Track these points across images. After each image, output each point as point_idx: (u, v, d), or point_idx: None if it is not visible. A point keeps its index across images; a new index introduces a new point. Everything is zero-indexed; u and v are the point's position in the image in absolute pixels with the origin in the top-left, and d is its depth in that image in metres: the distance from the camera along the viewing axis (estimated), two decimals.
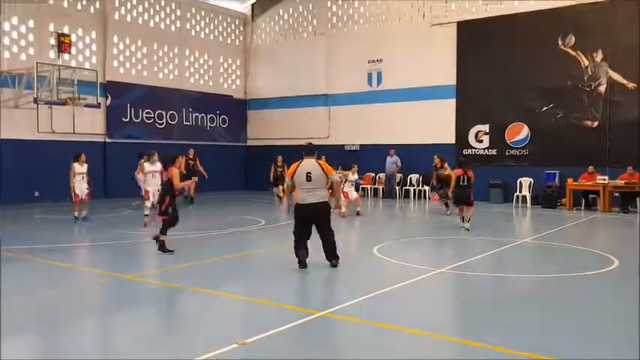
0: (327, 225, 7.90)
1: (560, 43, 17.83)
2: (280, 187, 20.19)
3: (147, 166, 13.17)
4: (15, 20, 17.72)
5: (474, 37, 19.30)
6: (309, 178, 7.65)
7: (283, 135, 24.13)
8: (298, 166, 7.83)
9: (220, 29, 24.86)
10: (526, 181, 17.93)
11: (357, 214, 14.84)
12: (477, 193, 18.59)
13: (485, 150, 19.25)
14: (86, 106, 16.28)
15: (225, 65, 25.19)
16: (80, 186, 13.15)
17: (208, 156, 20.97)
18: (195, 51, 23.70)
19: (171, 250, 8.95)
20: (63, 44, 15.84)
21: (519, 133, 18.59)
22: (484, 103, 19.12)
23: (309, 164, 7.80)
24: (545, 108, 18.11)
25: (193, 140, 22.43)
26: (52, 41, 18.17)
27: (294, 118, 24.03)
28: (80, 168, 13.32)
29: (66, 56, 17.80)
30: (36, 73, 14.92)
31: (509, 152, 18.79)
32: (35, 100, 15.14)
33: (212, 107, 24.17)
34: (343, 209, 14.39)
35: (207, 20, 24.22)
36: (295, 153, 20.60)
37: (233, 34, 25.46)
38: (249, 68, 25.88)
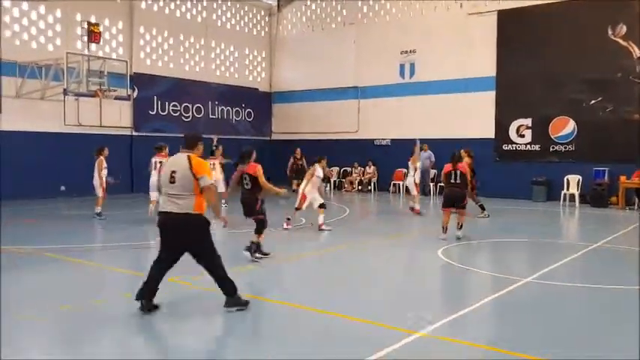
0: (199, 248, 5.60)
1: (609, 32, 16.93)
2: (295, 181, 19.68)
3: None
4: (42, 10, 17.14)
5: (516, 27, 18.45)
6: (172, 179, 5.50)
7: (309, 129, 23.47)
8: (167, 161, 5.91)
9: (246, 20, 24.17)
10: (574, 179, 17.08)
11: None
12: (520, 190, 18.03)
13: (528, 145, 18.42)
14: (116, 98, 15.65)
15: (251, 57, 24.52)
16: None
17: (233, 150, 20.17)
18: (221, 42, 23.04)
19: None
20: (93, 34, 15.24)
21: (564, 127, 17.74)
22: (526, 95, 18.28)
23: (177, 160, 5.63)
24: (593, 101, 17.24)
25: (219, 134, 21.74)
26: (80, 31, 17.70)
27: (321, 112, 23.33)
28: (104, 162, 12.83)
29: (93, 47, 17.23)
30: (66, 64, 14.34)
31: (553, 148, 17.95)
32: (65, 92, 14.57)
33: (237, 100, 23.52)
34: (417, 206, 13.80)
35: (232, 11, 23.53)
36: (321, 148, 20.13)
37: (259, 25, 24.77)
38: (274, 60, 25.18)
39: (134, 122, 19.71)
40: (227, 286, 5.63)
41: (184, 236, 5.53)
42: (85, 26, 16.40)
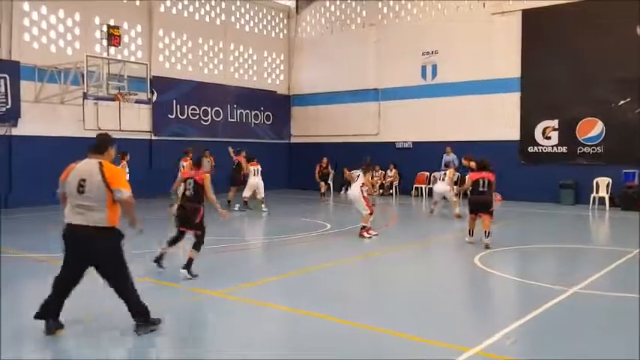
0: (108, 266, 5.07)
1: (638, 30, 16.43)
2: (322, 183, 19.55)
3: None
4: (61, 13, 17.06)
5: (541, 26, 18.00)
6: (81, 189, 4.95)
7: (329, 132, 23.18)
8: (74, 167, 5.13)
9: (264, 22, 23.97)
10: (603, 182, 16.56)
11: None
12: (546, 193, 17.56)
13: (554, 147, 17.93)
14: (137, 102, 15.48)
15: (269, 60, 24.30)
16: None
17: (253, 154, 19.98)
18: (240, 45, 22.85)
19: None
20: (112, 37, 15.08)
21: (592, 129, 17.25)
22: (552, 96, 17.80)
23: (86, 167, 5.05)
24: (622, 102, 16.73)
25: (238, 137, 21.60)
26: (99, 34, 17.57)
27: (340, 115, 23.02)
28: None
29: (112, 50, 17.10)
30: (86, 67, 14.18)
31: (580, 150, 17.45)
32: (85, 96, 14.42)
33: (256, 103, 23.30)
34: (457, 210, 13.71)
35: (251, 13, 23.35)
36: (341, 151, 19.77)
37: (277, 28, 24.56)
38: (292, 63, 24.94)
39: (153, 126, 19.56)
40: (138, 308, 5.08)
41: (91, 252, 5.00)
42: (105, 29, 16.27)
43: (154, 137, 19.59)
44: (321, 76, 23.75)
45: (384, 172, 21.71)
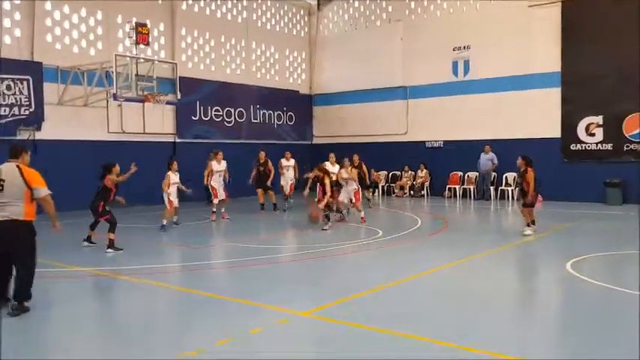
0: (21, 254, 5.92)
1: None
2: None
3: (214, 164, 13.61)
4: (84, 12, 16.33)
5: (583, 18, 17.25)
6: (0, 187, 5.84)
7: (353, 132, 22.41)
8: None
9: (285, 20, 23.24)
10: None
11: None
12: (590, 193, 16.79)
13: (599, 145, 17.16)
14: (167, 103, 14.77)
15: (291, 58, 23.58)
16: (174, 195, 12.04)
17: (276, 155, 19.11)
18: (262, 44, 22.13)
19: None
20: (140, 35, 14.33)
21: None
22: (596, 91, 17.01)
23: (6, 169, 5.96)
24: None
25: (261, 139, 20.84)
26: (121, 33, 16.90)
27: (365, 114, 22.27)
28: (175, 177, 12.09)
29: (134, 50, 16.37)
30: (115, 67, 13.46)
31: (627, 147, 16.68)
32: (114, 97, 13.71)
33: (278, 103, 22.55)
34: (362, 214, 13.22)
35: (272, 11, 22.62)
36: (367, 151, 19.01)
37: (298, 25, 23.82)
38: (314, 61, 24.20)
39: (177, 128, 18.83)
40: (23, 291, 5.85)
41: (9, 240, 5.84)
42: (128, 29, 15.52)
43: (177, 140, 18.85)
44: (345, 75, 22.99)
45: (413, 172, 20.97)
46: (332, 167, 13.58)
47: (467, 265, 8.57)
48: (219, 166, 13.78)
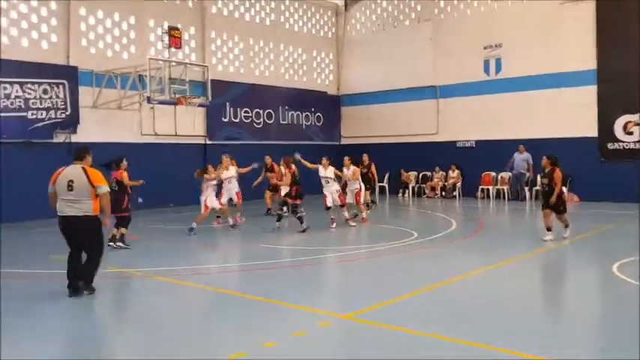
0: (88, 244, 6.76)
1: None
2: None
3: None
4: (117, 16, 16.57)
5: (619, 13, 16.82)
6: (70, 187, 6.55)
7: (382, 132, 22.26)
8: (61, 172, 6.69)
9: (313, 21, 23.24)
10: None
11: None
12: (630, 193, 16.34)
13: (637, 144, 16.71)
14: (199, 105, 14.89)
15: (318, 59, 23.56)
16: (211, 198, 12.02)
17: (305, 157, 19.04)
18: (290, 45, 22.16)
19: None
20: (173, 39, 14.47)
21: None
22: (633, 89, 16.57)
23: (73, 171, 6.67)
24: None
25: (290, 140, 20.84)
26: (152, 37, 17.12)
27: (394, 114, 22.10)
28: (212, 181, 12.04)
29: (166, 53, 16.54)
30: (149, 70, 13.62)
31: None
32: (148, 100, 13.87)
33: (307, 104, 22.54)
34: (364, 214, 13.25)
35: (300, 12, 22.65)
36: (397, 151, 18.78)
37: (325, 26, 23.80)
38: (342, 62, 24.13)
39: (208, 130, 18.97)
40: (90, 274, 6.71)
41: (82, 233, 6.64)
42: (160, 32, 15.69)
43: (208, 142, 18.99)
44: (373, 75, 22.86)
45: (444, 173, 20.72)
46: (323, 170, 12.72)
47: (508, 267, 8.39)
48: (227, 172, 12.93)
